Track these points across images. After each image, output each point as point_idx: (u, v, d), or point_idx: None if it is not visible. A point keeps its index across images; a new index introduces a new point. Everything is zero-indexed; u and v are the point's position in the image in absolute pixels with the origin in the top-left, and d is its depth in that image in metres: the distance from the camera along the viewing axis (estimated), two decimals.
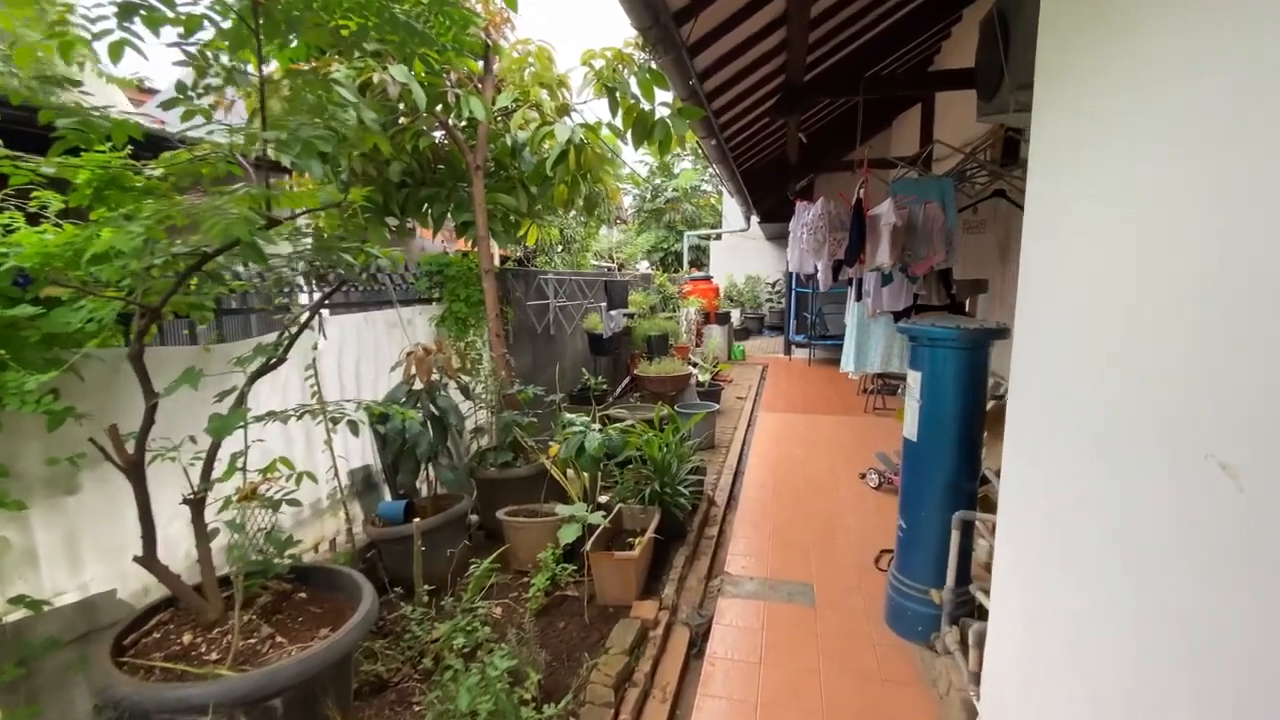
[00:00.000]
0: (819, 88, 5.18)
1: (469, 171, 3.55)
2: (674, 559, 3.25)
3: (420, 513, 3.10)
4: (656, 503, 3.31)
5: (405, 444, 2.76)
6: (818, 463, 4.98)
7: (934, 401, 2.38)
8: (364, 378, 3.33)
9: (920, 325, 2.39)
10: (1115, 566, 1.16)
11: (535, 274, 4.73)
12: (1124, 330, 1.15)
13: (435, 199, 3.81)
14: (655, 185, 18.08)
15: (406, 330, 3.57)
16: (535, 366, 5.00)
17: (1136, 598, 1.09)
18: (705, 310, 10.49)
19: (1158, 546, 1.04)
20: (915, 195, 3.81)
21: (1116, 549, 1.15)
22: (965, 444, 2.37)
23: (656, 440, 3.56)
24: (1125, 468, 1.13)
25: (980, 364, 2.34)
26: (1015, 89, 3.79)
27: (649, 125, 3.41)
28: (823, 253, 3.66)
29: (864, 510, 3.97)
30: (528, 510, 3.26)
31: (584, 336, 6.01)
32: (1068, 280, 1.37)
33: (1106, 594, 1.18)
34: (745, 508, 4.08)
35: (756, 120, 6.02)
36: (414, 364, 2.78)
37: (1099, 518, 1.21)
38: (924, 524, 2.46)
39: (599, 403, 5.28)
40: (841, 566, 3.21)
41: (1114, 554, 1.16)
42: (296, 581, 2.18)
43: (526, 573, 3.01)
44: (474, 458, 3.40)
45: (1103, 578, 1.20)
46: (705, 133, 4.99)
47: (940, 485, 2.41)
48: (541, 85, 3.44)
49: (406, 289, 3.69)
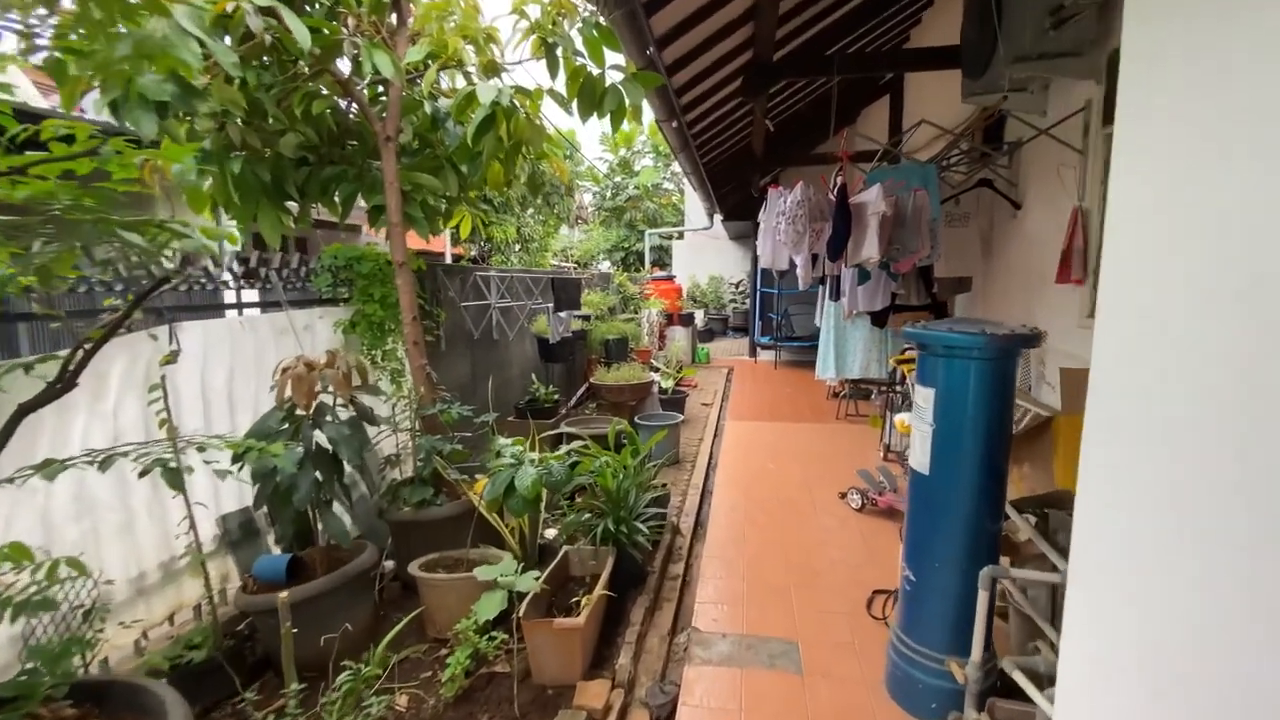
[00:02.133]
0: (789, 66, 4.72)
1: (381, 145, 2.91)
2: (631, 612, 2.69)
3: (310, 568, 2.46)
4: (611, 543, 2.75)
5: (279, 488, 2.12)
6: (791, 478, 4.51)
7: (950, 425, 1.90)
8: (240, 398, 2.66)
9: (933, 331, 1.91)
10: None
11: (471, 271, 4.11)
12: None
13: (342, 178, 3.14)
14: (616, 182, 17.54)
15: (301, 338, 2.91)
16: (475, 376, 4.37)
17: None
18: (668, 311, 9.98)
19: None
20: (905, 181, 3.36)
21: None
22: (989, 476, 1.90)
23: (611, 466, 3.00)
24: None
25: (1008, 377, 1.87)
26: (1011, 62, 3.39)
27: (598, 93, 2.86)
28: (802, 246, 3.17)
29: (847, 538, 3.50)
30: (451, 560, 2.65)
31: (534, 341, 5.40)
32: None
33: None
34: (715, 537, 3.55)
35: (722, 104, 5.53)
36: (290, 383, 2.15)
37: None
38: (938, 576, 1.98)
39: (549, 415, 4.69)
40: (829, 613, 2.71)
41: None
42: (87, 703, 1.53)
43: (447, 640, 2.41)
44: (385, 494, 2.76)
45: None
46: (665, 113, 4.46)
47: (958, 528, 1.93)
48: (465, 38, 2.84)
49: (302, 287, 3.03)
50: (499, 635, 2.25)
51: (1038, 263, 3.86)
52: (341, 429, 2.22)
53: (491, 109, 2.52)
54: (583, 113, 2.90)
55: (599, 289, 7.74)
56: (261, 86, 2.79)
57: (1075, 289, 3.35)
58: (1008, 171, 4.22)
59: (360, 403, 2.43)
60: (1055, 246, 3.55)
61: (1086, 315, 3.30)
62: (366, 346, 3.31)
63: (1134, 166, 1.04)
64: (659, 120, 4.69)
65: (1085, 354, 3.13)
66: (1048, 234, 3.73)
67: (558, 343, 5.02)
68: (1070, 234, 3.31)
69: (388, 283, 3.30)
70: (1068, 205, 3.45)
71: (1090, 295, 3.26)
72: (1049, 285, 3.67)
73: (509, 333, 4.68)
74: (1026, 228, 4.06)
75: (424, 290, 3.67)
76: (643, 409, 5.49)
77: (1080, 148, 3.31)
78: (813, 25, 5.01)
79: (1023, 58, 3.23)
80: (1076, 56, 3.22)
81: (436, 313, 3.80)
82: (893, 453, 4.77)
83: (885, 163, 4.61)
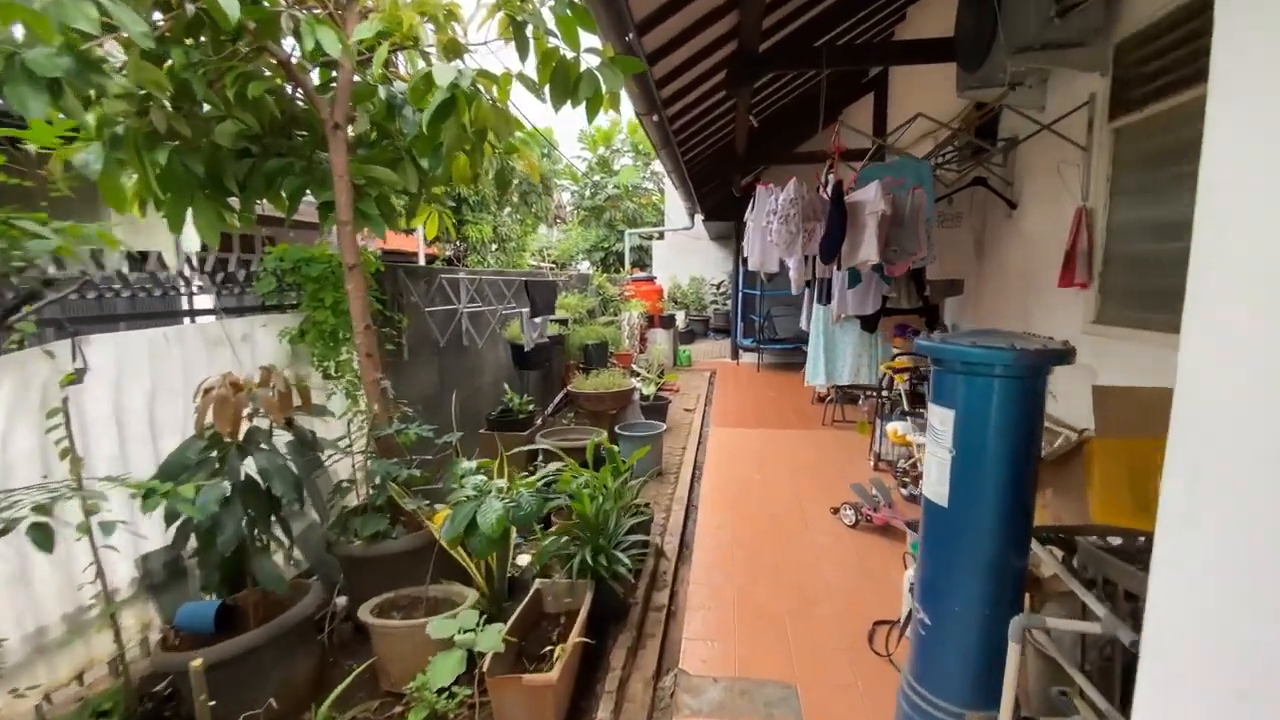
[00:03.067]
0: (776, 57, 4.50)
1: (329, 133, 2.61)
2: (612, 653, 2.43)
3: (243, 614, 2.15)
4: (589, 576, 2.48)
5: (199, 529, 1.81)
6: (780, 490, 4.29)
7: (972, 451, 1.67)
8: (166, 422, 2.32)
9: (952, 344, 1.68)
10: None
11: (437, 273, 3.80)
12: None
13: (288, 171, 2.82)
14: (595, 181, 17.25)
15: (239, 350, 2.58)
16: (443, 387, 4.06)
17: None
18: (649, 313, 9.73)
19: None
20: (904, 179, 3.15)
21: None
22: (1016, 508, 1.68)
23: (590, 487, 2.74)
24: None
25: (1038, 396, 1.66)
26: (1013, 52, 3.20)
27: (572, 78, 2.59)
28: (795, 247, 2.94)
29: (843, 557, 3.28)
30: (408, 600, 2.36)
31: (507, 348, 5.10)
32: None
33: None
34: (701, 560, 3.31)
35: (705, 98, 5.30)
36: (212, 407, 1.84)
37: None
38: (957, 621, 1.75)
39: (523, 427, 4.40)
40: (828, 649, 2.49)
41: None
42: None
43: (403, 695, 2.12)
44: (334, 525, 2.46)
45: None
46: (646, 106, 4.21)
47: (981, 567, 1.71)
48: (423, 14, 2.55)
49: (240, 292, 2.70)
50: (460, 692, 1.97)
51: (1036, 265, 3.70)
52: (275, 458, 1.92)
53: (451, 92, 2.23)
54: (556, 100, 2.63)
55: (577, 290, 7.45)
56: (191, 66, 2.47)
57: (1079, 293, 3.19)
58: (1002, 170, 4.06)
59: (300, 427, 2.13)
60: (1055, 248, 3.39)
61: (1091, 320, 3.13)
62: (317, 358, 3.00)
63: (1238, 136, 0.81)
64: (639, 114, 4.43)
65: (1093, 362, 2.95)
66: (1047, 235, 3.56)
67: (533, 349, 4.73)
68: (1074, 235, 3.14)
69: (340, 287, 2.98)
70: (1069, 205, 3.28)
71: (1096, 299, 3.10)
72: (1049, 289, 3.50)
73: (479, 339, 4.38)
74: (1023, 228, 3.90)
75: (383, 294, 3.36)
76: (623, 418, 5.23)
77: (1084, 144, 3.15)
78: (799, 16, 4.81)
79: (1025, 47, 3.05)
80: (1081, 47, 3.04)
81: (398, 319, 3.49)
82: (884, 462, 4.58)
83: (876, 160, 4.43)
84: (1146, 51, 2.79)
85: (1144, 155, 2.84)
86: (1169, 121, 2.67)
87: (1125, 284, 2.94)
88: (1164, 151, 2.71)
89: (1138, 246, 2.87)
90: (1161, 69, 2.68)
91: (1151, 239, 2.77)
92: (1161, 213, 2.71)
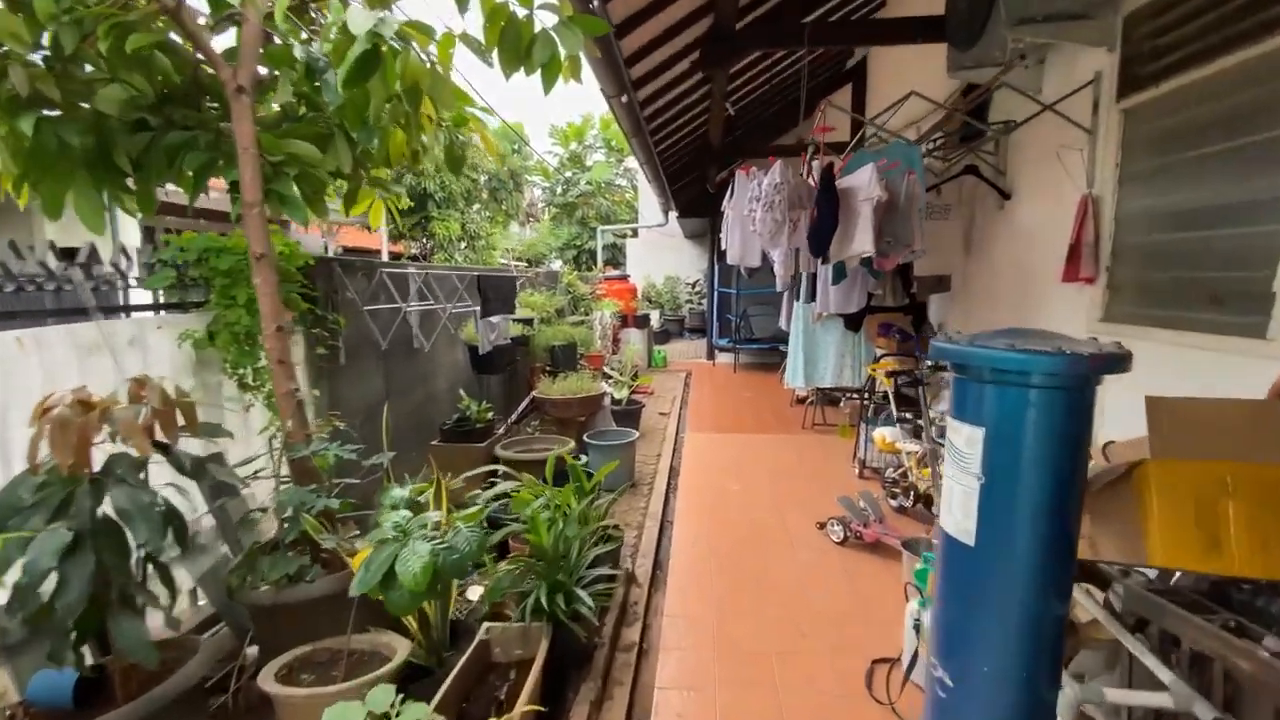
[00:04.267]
0: (754, 36, 4.19)
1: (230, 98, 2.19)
2: (573, 709, 2.07)
3: (110, 684, 1.74)
4: (545, 619, 2.12)
5: (29, 589, 1.40)
6: (760, 501, 3.99)
7: (1007, 479, 1.36)
8: (18, 442, 1.89)
9: (980, 348, 1.37)
10: None
11: (378, 267, 3.38)
12: None
13: (191, 146, 2.39)
14: (567, 178, 16.83)
15: (122, 357, 2.15)
16: (389, 394, 3.65)
17: None
18: (622, 313, 9.38)
19: None
20: (899, 163, 2.85)
21: None
22: (1059, 546, 1.38)
23: (550, 510, 2.37)
24: None
25: (1086, 411, 1.35)
26: (1013, 24, 2.93)
27: (525, 40, 2.22)
28: (780, 238, 2.63)
29: (831, 579, 2.98)
30: (327, 654, 1.97)
31: (466, 350, 4.69)
32: None
33: None
34: (677, 585, 2.98)
35: (678, 82, 4.97)
36: (52, 434, 1.43)
37: None
38: (986, 683, 1.45)
39: (482, 437, 4.00)
40: (823, 694, 2.17)
41: None
42: None
43: None
44: (238, 568, 2.04)
45: None
46: (615, 86, 3.86)
47: (1016, 617, 1.40)
48: None
49: (123, 287, 2.27)
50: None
51: (1032, 259, 3.45)
52: (140, 494, 1.52)
53: (371, 42, 1.85)
54: (506, 66, 2.26)
55: (544, 288, 7.06)
56: (58, 16, 2.05)
57: (1085, 288, 2.94)
58: (994, 158, 3.81)
59: (178, 453, 1.72)
60: (1055, 240, 3.14)
61: (1099, 318, 2.88)
62: (230, 365, 2.57)
63: None
64: (607, 95, 4.07)
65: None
66: (1045, 226, 3.32)
67: (492, 352, 4.34)
68: (1079, 226, 2.88)
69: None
70: (1071, 193, 3.03)
71: (1104, 295, 2.85)
72: (1048, 284, 3.26)
73: (426, 342, 3.96)
74: (1017, 219, 3.65)
75: (314, 290, 2.94)
76: (593, 424, 4.87)
77: (1089, 127, 2.90)
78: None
79: (1026, 19, 2.78)
80: (1087, 20, 2.79)
81: (333, 319, 3.07)
82: (870, 469, 4.32)
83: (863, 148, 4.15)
84: (1161, 23, 2.54)
85: (1157, 137, 2.60)
86: (1187, 99, 2.43)
87: (1138, 278, 2.70)
88: (1181, 132, 2.47)
89: (1152, 237, 2.63)
90: (1179, 40, 2.44)
91: (1168, 229, 2.53)
92: (1178, 199, 2.46)
